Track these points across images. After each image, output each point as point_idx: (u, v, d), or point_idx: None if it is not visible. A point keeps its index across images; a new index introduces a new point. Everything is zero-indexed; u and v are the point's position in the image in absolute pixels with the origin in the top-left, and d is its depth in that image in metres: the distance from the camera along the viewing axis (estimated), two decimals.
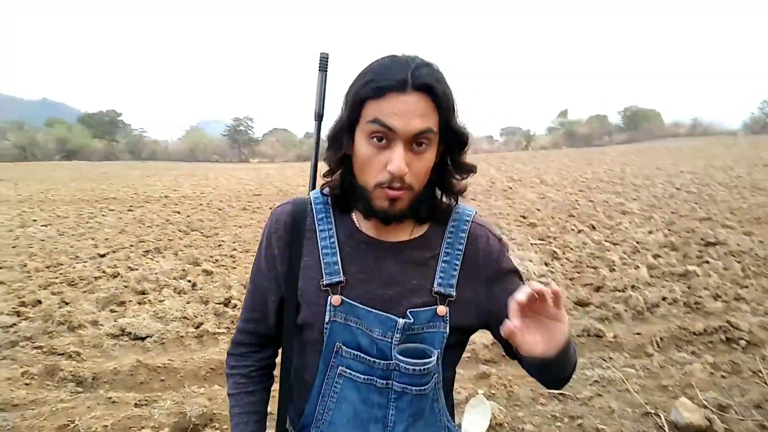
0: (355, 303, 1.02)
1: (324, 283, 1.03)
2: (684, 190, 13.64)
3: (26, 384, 3.94)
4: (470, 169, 1.06)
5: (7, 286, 6.53)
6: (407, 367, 1.00)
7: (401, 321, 1.00)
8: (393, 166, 0.92)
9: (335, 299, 1.02)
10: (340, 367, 1.03)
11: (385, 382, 1.02)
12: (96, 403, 3.63)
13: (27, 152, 55.35)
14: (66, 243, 9.36)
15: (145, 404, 3.61)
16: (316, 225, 1.07)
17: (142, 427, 3.28)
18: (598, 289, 5.79)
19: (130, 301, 5.85)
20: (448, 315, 1.04)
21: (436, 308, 1.03)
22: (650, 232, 8.57)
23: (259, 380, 1.19)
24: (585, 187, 15.35)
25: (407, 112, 0.91)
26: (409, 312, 1.02)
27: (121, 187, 20.76)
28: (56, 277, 6.93)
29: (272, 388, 1.26)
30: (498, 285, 1.09)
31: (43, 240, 9.72)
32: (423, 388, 1.02)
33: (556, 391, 3.63)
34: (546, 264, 6.94)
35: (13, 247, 9.10)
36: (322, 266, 1.04)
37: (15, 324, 5.06)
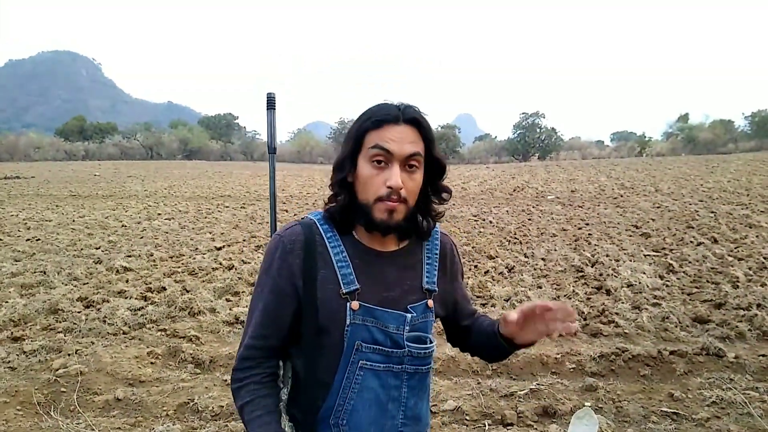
0: (371, 305, 1.21)
1: (343, 291, 1.20)
2: None
3: (152, 363, 4.31)
4: (448, 191, 1.30)
5: (136, 273, 7.16)
6: (419, 351, 1.24)
7: (409, 315, 1.23)
8: (392, 181, 1.14)
9: (354, 305, 1.19)
10: (360, 361, 1.20)
11: (400, 366, 1.23)
12: (213, 384, 3.90)
13: (153, 151, 60.12)
14: (187, 236, 10.09)
15: None
16: (327, 242, 1.24)
17: None
18: (719, 306, 5.40)
19: (244, 291, 6.21)
20: (433, 306, 1.29)
21: (426, 302, 1.28)
22: None
23: (271, 385, 1.26)
24: (706, 197, 14.31)
25: (400, 138, 1.16)
26: (410, 307, 1.24)
27: (234, 186, 22.04)
28: (178, 267, 7.50)
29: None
30: (456, 282, 1.40)
31: (167, 232, 10.54)
32: (429, 366, 1.28)
33: (669, 410, 3.44)
34: (661, 277, 6.57)
35: (141, 237, 9.95)
36: (339, 277, 1.21)
37: (143, 308, 5.53)
